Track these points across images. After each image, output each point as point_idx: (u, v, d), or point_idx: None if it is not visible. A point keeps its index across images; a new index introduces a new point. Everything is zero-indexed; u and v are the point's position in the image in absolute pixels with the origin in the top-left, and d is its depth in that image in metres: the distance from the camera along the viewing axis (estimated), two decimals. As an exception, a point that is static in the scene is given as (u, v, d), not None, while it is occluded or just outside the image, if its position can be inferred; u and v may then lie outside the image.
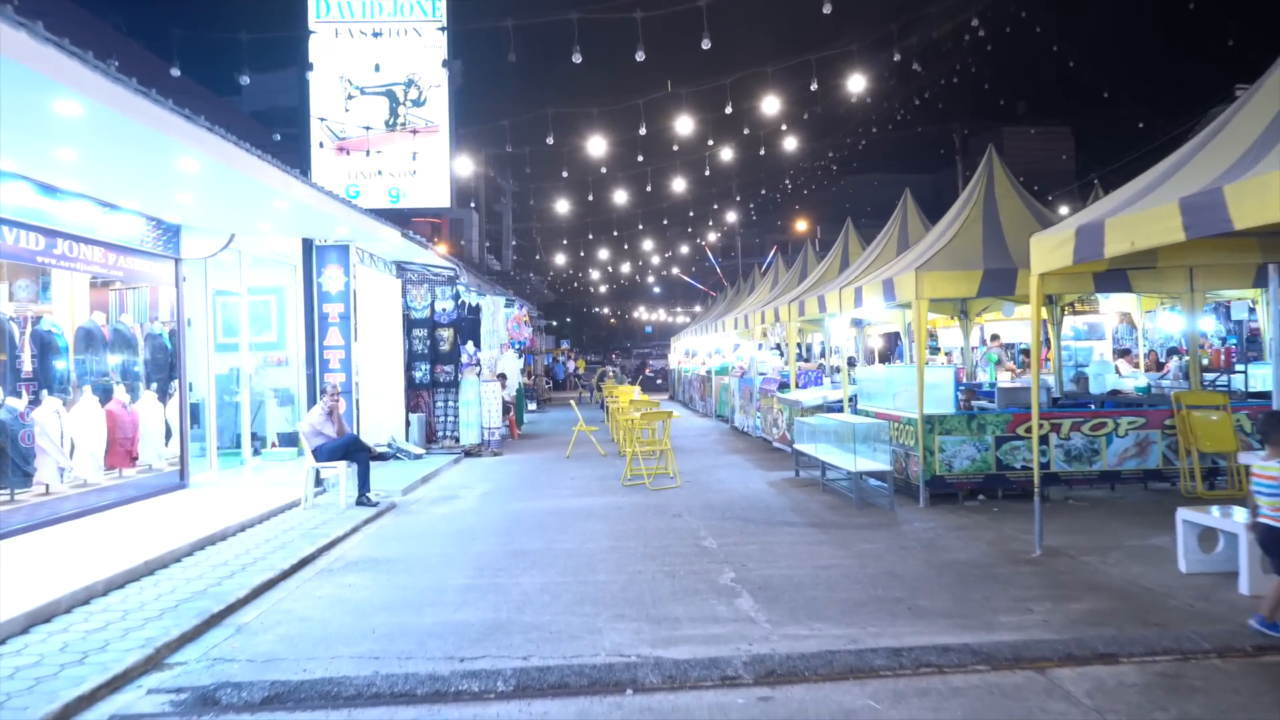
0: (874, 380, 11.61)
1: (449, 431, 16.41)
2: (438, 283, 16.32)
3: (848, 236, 16.37)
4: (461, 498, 11.42)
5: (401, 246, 13.68)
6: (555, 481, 12.61)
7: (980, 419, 9.69)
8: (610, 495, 11.16)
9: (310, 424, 10.41)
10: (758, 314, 17.60)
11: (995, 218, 10.38)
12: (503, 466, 14.65)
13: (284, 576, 7.32)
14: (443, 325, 16.36)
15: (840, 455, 10.42)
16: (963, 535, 8.09)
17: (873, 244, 13.95)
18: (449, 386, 16.37)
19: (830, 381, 15.52)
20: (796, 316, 14.69)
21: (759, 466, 13.54)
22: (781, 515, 9.43)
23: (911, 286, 9.68)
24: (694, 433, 19.67)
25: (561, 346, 62.01)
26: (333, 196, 9.49)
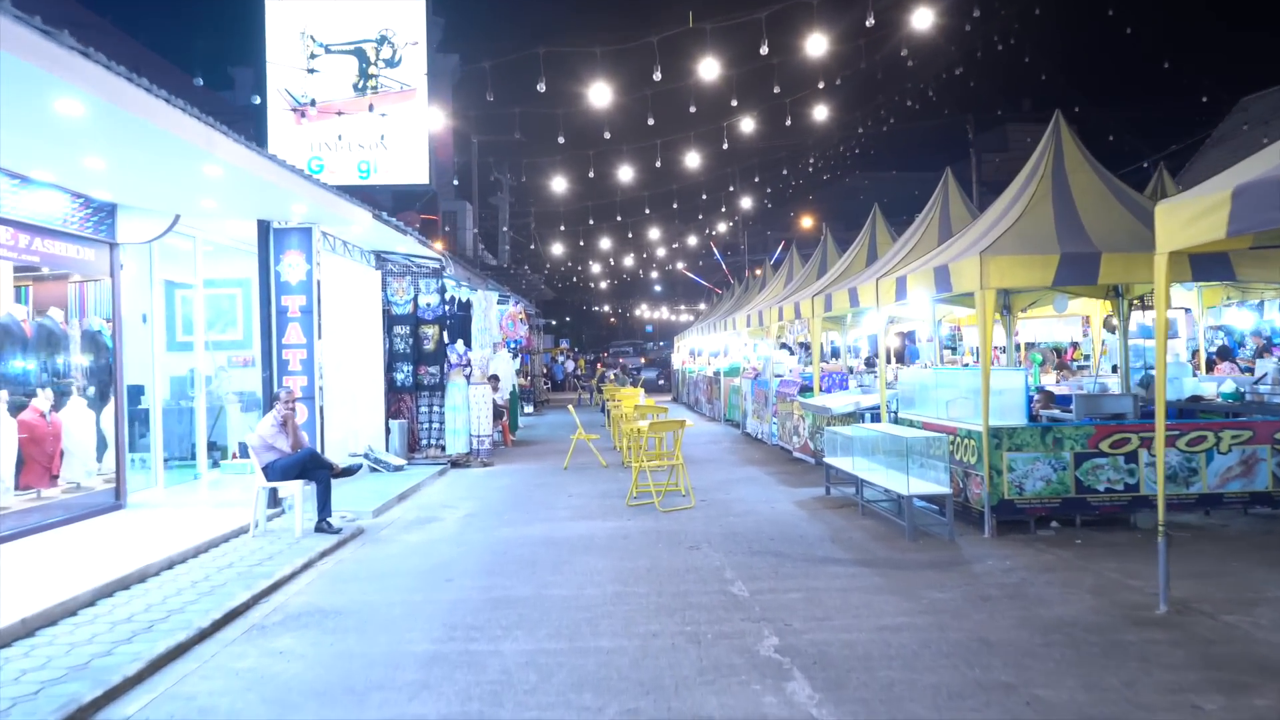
0: (918, 385, 10.04)
1: (434, 439, 14.84)
2: (422, 275, 14.76)
3: (875, 225, 14.81)
4: (442, 520, 9.85)
5: (377, 232, 12.11)
6: (550, 500, 11.04)
7: (1057, 432, 8.12)
8: (614, 518, 9.59)
9: (260, 436, 8.84)
10: (774, 310, 16.03)
11: (1067, 194, 8.82)
12: (492, 480, 13.08)
13: (201, 638, 5.75)
14: (427, 322, 14.78)
15: (886, 474, 8.85)
16: (1054, 580, 6.52)
17: (909, 231, 12.38)
18: (434, 390, 14.80)
19: (857, 384, 13.96)
20: (821, 312, 13.12)
21: (782, 482, 11.96)
22: (820, 548, 7.86)
23: (974, 274, 8.10)
24: (703, 439, 18.08)
25: (561, 346, 60.47)
26: (277, 162, 7.92)
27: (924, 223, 12.02)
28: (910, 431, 8.89)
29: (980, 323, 8.14)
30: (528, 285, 31.45)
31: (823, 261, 16.93)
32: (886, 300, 10.35)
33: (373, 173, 15.87)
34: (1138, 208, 8.73)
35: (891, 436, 8.79)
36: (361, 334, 14.42)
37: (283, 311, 10.16)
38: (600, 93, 14.24)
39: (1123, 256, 8.02)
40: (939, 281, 8.85)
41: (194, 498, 10.68)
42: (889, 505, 9.33)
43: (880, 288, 10.51)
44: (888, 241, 14.41)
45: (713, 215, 35.52)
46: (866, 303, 11.05)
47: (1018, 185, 9.32)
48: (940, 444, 8.30)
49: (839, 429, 10.50)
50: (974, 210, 11.83)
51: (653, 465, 10.43)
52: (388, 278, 14.69)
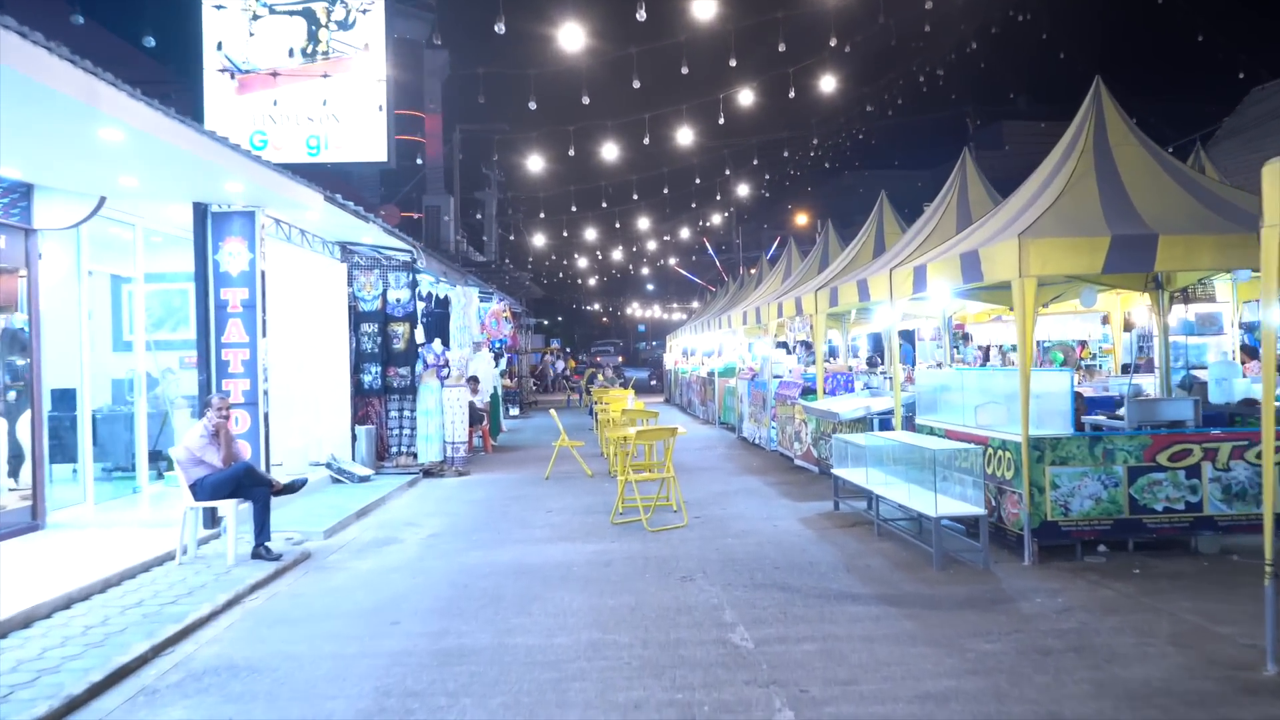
0: (939, 387, 8.92)
1: (404, 447, 13.68)
2: (391, 268, 13.59)
3: (882, 214, 13.70)
4: (401, 542, 8.70)
5: (336, 218, 10.95)
6: (527, 516, 9.89)
7: (1107, 443, 7.00)
8: (596, 540, 8.45)
9: (186, 449, 7.67)
10: (772, 306, 14.91)
11: (1112, 170, 7.71)
12: (466, 492, 11.92)
13: (70, 709, 4.59)
14: (396, 319, 13.62)
15: (906, 490, 7.72)
16: (1122, 625, 5.40)
17: (922, 219, 11.27)
18: (405, 393, 13.64)
19: (863, 385, 12.84)
20: (825, 307, 12.00)
21: (784, 494, 10.84)
22: (835, 578, 6.73)
23: (1011, 260, 6.99)
24: (696, 444, 16.95)
25: (552, 345, 59.30)
26: (195, 127, 6.75)
27: (940, 209, 10.91)
28: (937, 442, 7.76)
29: (1019, 317, 7.02)
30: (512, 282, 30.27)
31: (824, 255, 15.83)
32: (902, 293, 9.23)
33: (324, 149, 14.56)
34: (1195, 186, 7.63)
35: (914, 448, 7.66)
36: (324, 332, 13.25)
37: (222, 306, 9.00)
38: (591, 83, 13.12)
39: (1183, 239, 6.92)
40: (966, 270, 7.73)
41: (127, 515, 9.51)
42: (907, 524, 8.22)
43: (895, 279, 9.40)
44: (896, 232, 13.30)
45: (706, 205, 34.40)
46: (878, 296, 9.94)
47: (1053, 161, 8.20)
48: (973, 457, 7.17)
49: (849, 437, 9.38)
50: (996, 196, 10.73)
51: (641, 478, 9.29)
52: (354, 271, 13.53)
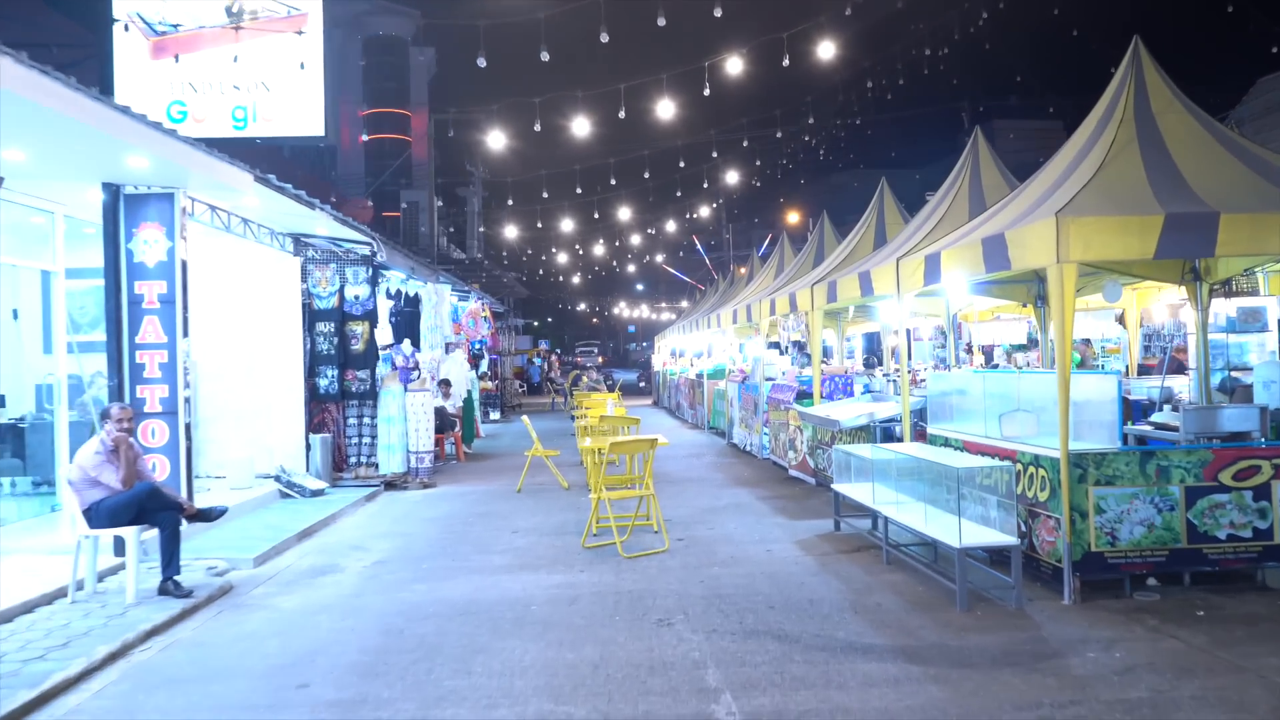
0: (954, 392, 7.84)
1: (364, 457, 12.55)
2: (349, 262, 12.46)
3: (883, 203, 12.65)
4: (341, 572, 7.58)
5: (276, 203, 9.81)
6: (489, 538, 8.79)
7: (1161, 459, 5.94)
8: (563, 568, 7.35)
9: (80, 468, 6.54)
10: (764, 304, 13.84)
11: (1157, 140, 6.66)
12: (428, 507, 10.81)
13: None
14: (355, 317, 12.48)
15: (920, 511, 6.64)
16: (1204, 692, 4.32)
17: (929, 205, 10.22)
18: (364, 398, 12.50)
19: (864, 388, 11.77)
20: (822, 304, 10.93)
21: (778, 510, 9.75)
22: (841, 623, 5.64)
23: (1047, 243, 5.92)
24: (683, 451, 15.87)
25: (539, 347, 58.15)
26: (81, 90, 5.62)
27: (950, 193, 9.85)
28: (957, 458, 6.68)
29: (1057, 311, 5.94)
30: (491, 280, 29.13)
31: (819, 248, 14.77)
32: (911, 285, 8.16)
33: (251, 121, 13.29)
34: (1254, 159, 6.59)
35: (932, 464, 6.57)
36: (276, 332, 12.13)
37: (136, 301, 7.86)
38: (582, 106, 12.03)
39: (1248, 219, 5.87)
40: (990, 257, 6.66)
41: (36, 540, 8.35)
42: (921, 550, 7.14)
43: (903, 270, 8.32)
44: (898, 222, 12.26)
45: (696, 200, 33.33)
46: (883, 290, 8.87)
47: (1088, 132, 7.14)
48: (1002, 476, 6.08)
49: (851, 448, 8.30)
50: (1013, 179, 9.68)
51: (617, 495, 8.18)
52: (309, 266, 12.39)
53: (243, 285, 12.03)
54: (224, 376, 12.17)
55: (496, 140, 17.78)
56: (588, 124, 16.30)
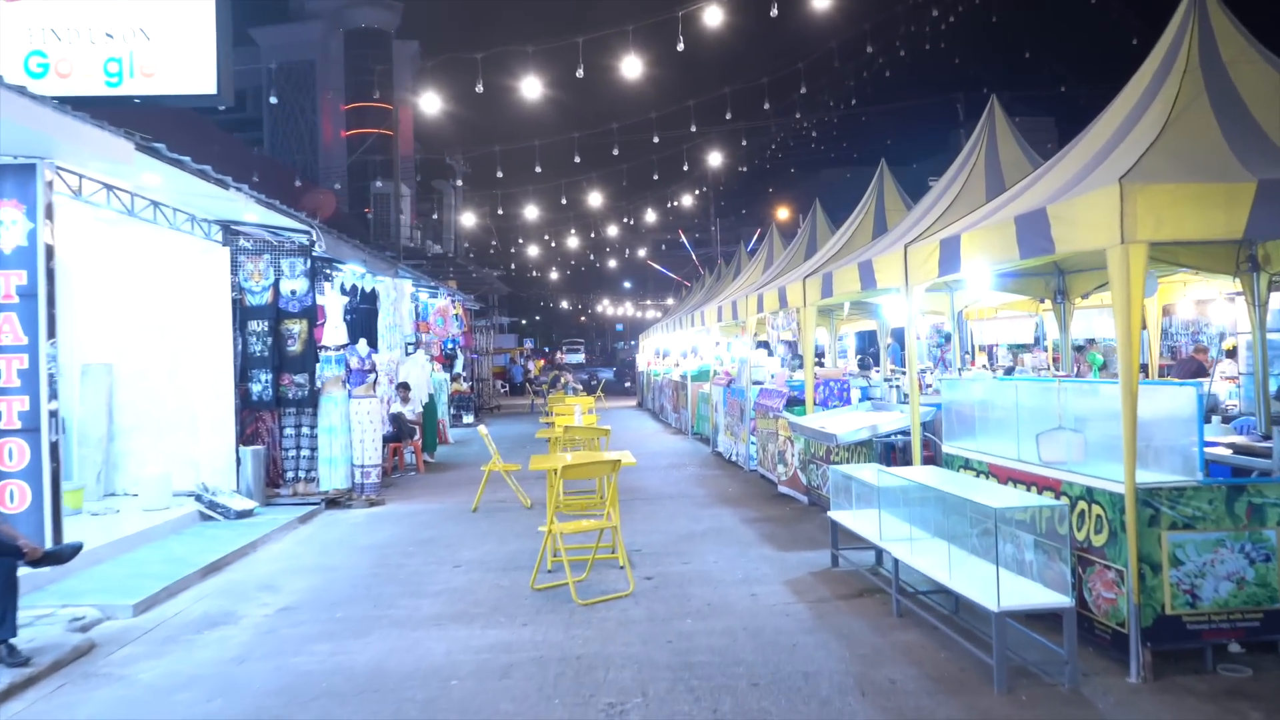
0: (976, 403, 6.54)
1: (303, 471, 11.18)
2: (285, 252, 11.09)
3: (882, 187, 11.35)
4: (236, 622, 6.25)
5: (185, 182, 8.45)
6: (425, 574, 7.45)
7: (1253, 494, 4.65)
8: (503, 621, 6.03)
9: (-118, 505, 5.19)
10: (750, 299, 12.54)
11: (1231, 94, 5.38)
12: (367, 532, 9.47)
13: None
14: (291, 315, 11.11)
15: (947, 554, 5.33)
16: None
17: (939, 186, 8.91)
18: (302, 405, 11.13)
19: (862, 395, 10.49)
20: (816, 298, 9.63)
21: (765, 537, 8.44)
22: (846, 711, 4.34)
23: (1106, 217, 4.62)
24: (664, 460, 14.56)
25: (524, 346, 56.75)
26: None
27: (962, 171, 8.55)
28: (991, 492, 5.37)
29: (1121, 302, 4.64)
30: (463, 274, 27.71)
31: (811, 239, 13.47)
32: (924, 275, 6.86)
33: (128, 76, 11.66)
34: (1352, 115, 5.30)
35: (959, 499, 5.26)
36: (201, 331, 10.77)
37: (-12, 296, 6.50)
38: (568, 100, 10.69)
39: (1363, 188, 4.58)
40: (1027, 238, 5.36)
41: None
42: (940, 600, 5.86)
43: (913, 258, 7.03)
44: (900, 209, 10.98)
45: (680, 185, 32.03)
46: (889, 281, 7.57)
47: (1141, 86, 5.83)
48: (1052, 516, 4.77)
49: (851, 470, 6.99)
50: (1035, 156, 8.39)
51: (571, 528, 6.84)
52: (239, 257, 11.02)
53: (162, 278, 10.67)
54: (144, 381, 10.81)
55: (479, 132, 16.49)
56: (577, 120, 15.00)
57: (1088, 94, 27.39)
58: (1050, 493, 5.25)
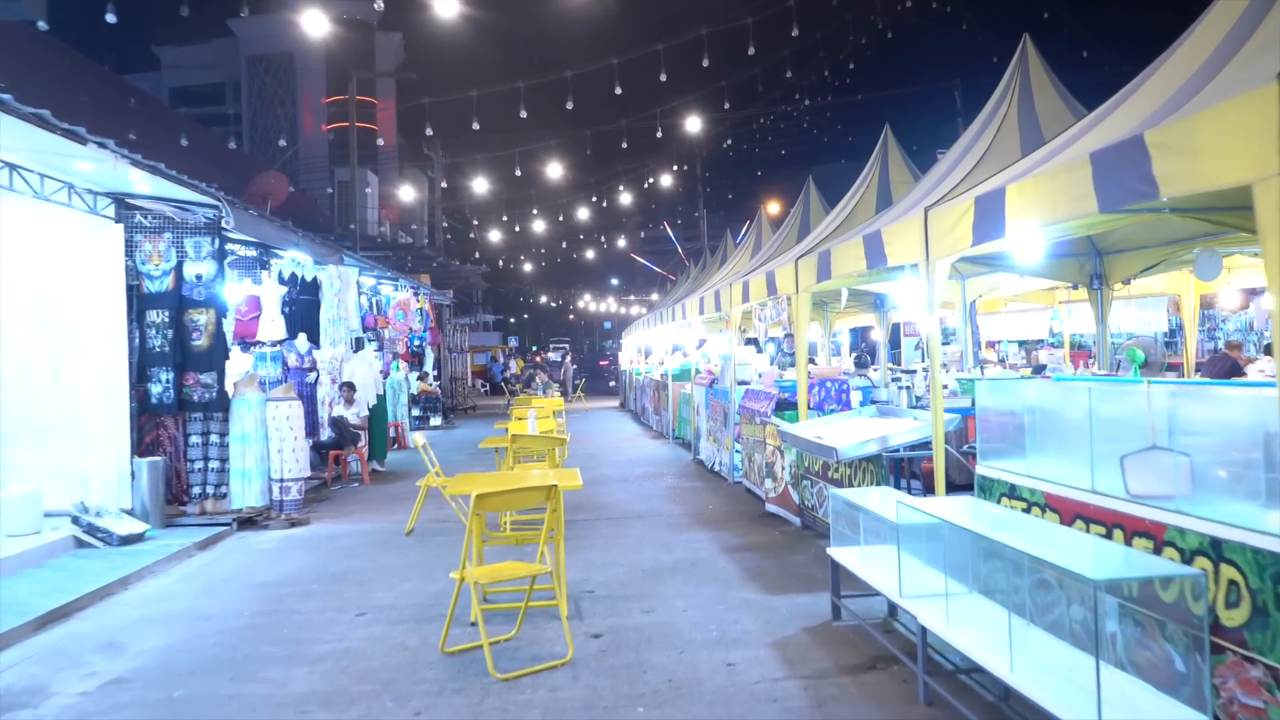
0: (1030, 410, 4.94)
1: (212, 487, 9.57)
2: (189, 231, 9.47)
3: (886, 153, 9.80)
4: (38, 704, 4.66)
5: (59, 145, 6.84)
6: (317, 627, 5.87)
7: None
8: (386, 711, 4.45)
9: None
10: (735, 287, 10.98)
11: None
12: (271, 563, 7.87)
13: None
14: (197, 304, 9.48)
15: (1012, 639, 3.77)
16: None
17: (962, 143, 7.34)
18: (211, 410, 9.52)
19: (864, 397, 8.93)
20: (811, 282, 8.06)
21: (749, 574, 6.86)
22: None
23: (1259, 137, 3.05)
24: (638, 469, 13.00)
25: (508, 344, 55.10)
26: None
27: (989, 126, 6.99)
28: (1073, 544, 3.81)
29: (1275, 259, 3.08)
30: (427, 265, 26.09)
31: (804, 219, 11.92)
32: (951, 244, 5.30)
33: None
34: None
35: (1020, 553, 3.69)
36: (90, 323, 9.16)
37: None
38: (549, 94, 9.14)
39: None
40: (1113, 180, 3.80)
41: None
42: (984, 674, 4.30)
43: (936, 224, 5.47)
44: (907, 179, 9.43)
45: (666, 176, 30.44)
46: (903, 255, 6.02)
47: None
48: (1180, 590, 3.21)
49: (858, 496, 5.43)
50: (1080, 107, 6.84)
51: (487, 575, 5.24)
52: (136, 236, 9.40)
53: (42, 261, 9.04)
54: (22, 382, 9.17)
55: (461, 127, 15.04)
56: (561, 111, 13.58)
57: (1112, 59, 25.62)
58: (1146, 541, 3.71)
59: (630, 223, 41.62)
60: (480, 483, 6.03)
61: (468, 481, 6.04)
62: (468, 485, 5.76)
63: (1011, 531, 3.93)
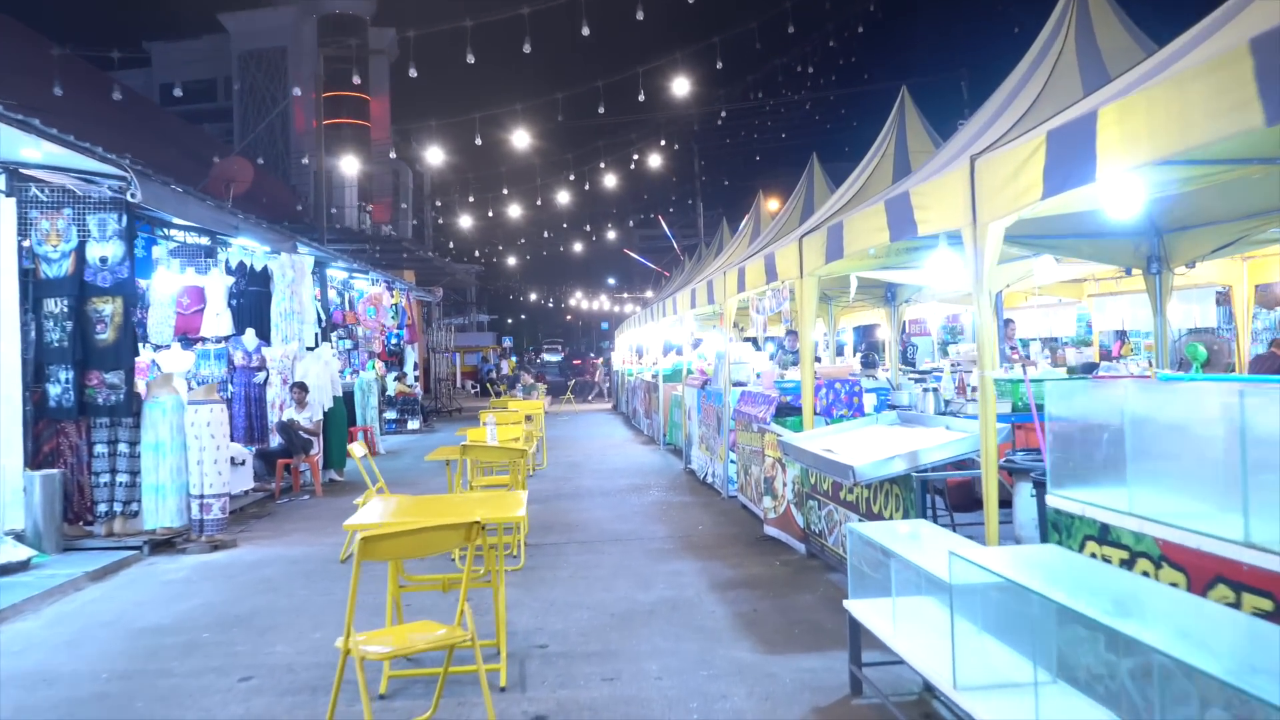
0: (1133, 422, 3.58)
1: (120, 504, 8.22)
2: (92, 206, 8.14)
3: (903, 117, 8.45)
4: None
5: None
6: (177, 704, 4.53)
7: None
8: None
9: None
10: (730, 276, 9.65)
11: None
12: (164, 602, 6.53)
13: None
14: (101, 291, 8.14)
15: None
16: None
17: (1007, 88, 5.99)
18: (118, 414, 8.17)
19: (880, 401, 7.60)
20: (819, 264, 6.72)
21: (743, 622, 5.51)
22: None
23: None
24: (623, 480, 11.66)
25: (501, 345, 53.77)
26: None
27: (1040, 66, 5.64)
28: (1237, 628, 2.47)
29: None
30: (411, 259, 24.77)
31: (808, 199, 10.56)
32: (1011, 201, 3.97)
33: None
34: None
35: (1182, 665, 2.34)
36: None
37: None
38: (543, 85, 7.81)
39: None
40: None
41: None
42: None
43: (990, 174, 4.15)
44: (927, 147, 8.06)
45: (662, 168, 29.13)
46: (940, 220, 4.70)
47: None
48: None
49: (889, 540, 4.09)
50: (1149, 42, 5.49)
51: (393, 644, 3.89)
52: (31, 212, 8.06)
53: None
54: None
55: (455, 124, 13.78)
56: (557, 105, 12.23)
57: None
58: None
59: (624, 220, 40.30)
60: (402, 510, 4.70)
61: (386, 507, 4.68)
62: (375, 515, 4.42)
63: (1125, 609, 2.61)
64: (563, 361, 62.65)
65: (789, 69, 21.55)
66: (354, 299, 17.98)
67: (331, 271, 16.29)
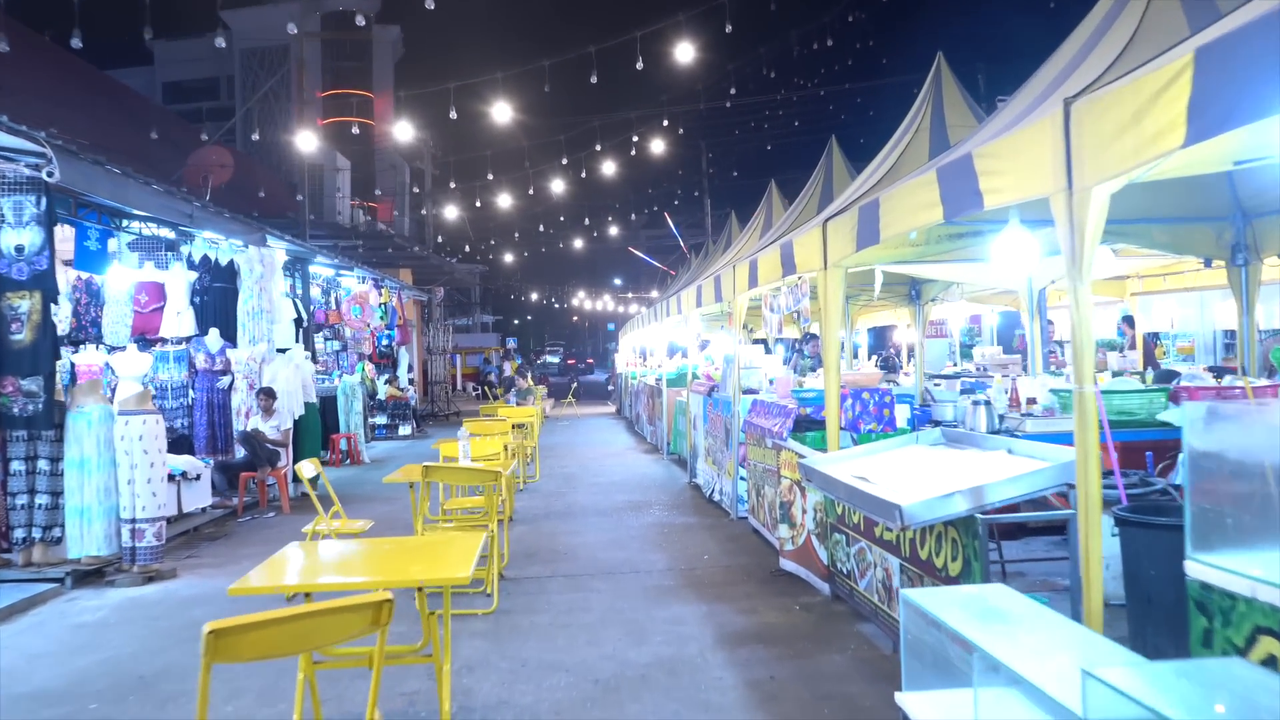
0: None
1: (39, 528, 7.17)
2: (7, 188, 7.10)
3: (939, 86, 7.33)
4: None
5: None
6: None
7: None
8: None
9: None
10: (740, 270, 8.57)
11: None
12: (65, 656, 5.47)
13: None
14: (15, 284, 7.09)
15: None
16: None
17: (1080, 36, 4.88)
18: (36, 426, 7.12)
19: (916, 413, 6.50)
20: (847, 252, 5.62)
21: (756, 693, 4.41)
22: None
23: None
24: (621, 495, 10.57)
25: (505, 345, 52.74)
26: None
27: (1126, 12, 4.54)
28: None
29: None
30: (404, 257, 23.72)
31: (826, 184, 9.44)
32: (1134, 152, 2.86)
33: None
34: None
35: None
36: None
37: None
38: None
39: None
40: None
41: None
42: None
43: (1091, 124, 3.06)
44: (968, 121, 6.95)
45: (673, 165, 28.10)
46: (1018, 190, 3.59)
47: None
48: None
49: (962, 623, 3.00)
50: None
51: None
52: (-63, 194, 7.02)
53: None
54: None
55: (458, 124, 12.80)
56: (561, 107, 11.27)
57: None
58: None
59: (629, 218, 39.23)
60: (317, 567, 3.63)
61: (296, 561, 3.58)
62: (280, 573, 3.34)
63: None
64: (561, 363, 61.93)
65: (803, 55, 20.45)
66: (341, 298, 16.97)
67: (317, 268, 15.27)
